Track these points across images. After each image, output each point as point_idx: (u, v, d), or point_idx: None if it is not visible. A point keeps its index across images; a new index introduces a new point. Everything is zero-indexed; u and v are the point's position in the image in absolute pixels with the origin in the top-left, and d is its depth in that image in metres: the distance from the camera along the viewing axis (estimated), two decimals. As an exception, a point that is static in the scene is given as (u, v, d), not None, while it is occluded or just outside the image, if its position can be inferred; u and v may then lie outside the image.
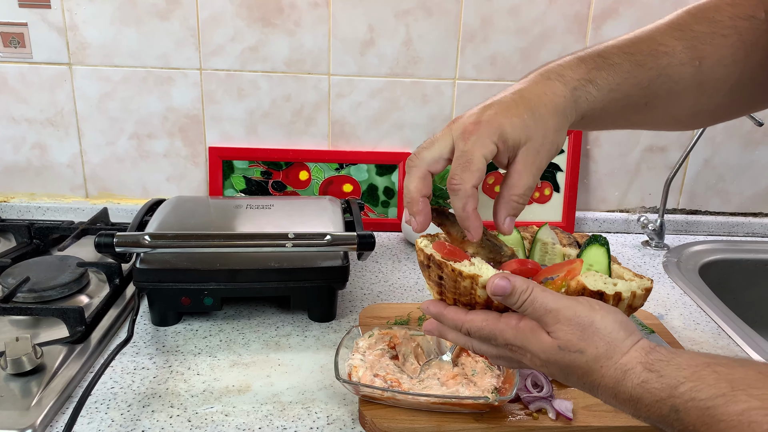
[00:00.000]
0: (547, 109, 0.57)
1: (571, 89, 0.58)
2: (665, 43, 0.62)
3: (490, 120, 0.55)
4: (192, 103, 1.24)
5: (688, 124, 0.72)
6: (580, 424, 0.71)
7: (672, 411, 0.48)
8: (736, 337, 0.95)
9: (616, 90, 0.60)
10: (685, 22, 0.64)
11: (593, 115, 0.61)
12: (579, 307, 0.53)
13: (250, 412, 0.74)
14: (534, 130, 0.56)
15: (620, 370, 0.51)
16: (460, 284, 0.57)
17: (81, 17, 1.17)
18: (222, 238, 0.87)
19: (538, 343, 0.53)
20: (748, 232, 1.35)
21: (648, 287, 0.57)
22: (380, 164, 1.28)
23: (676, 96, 0.64)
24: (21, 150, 1.26)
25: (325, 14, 1.18)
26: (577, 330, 0.52)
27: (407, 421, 0.70)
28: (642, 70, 0.61)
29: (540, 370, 0.56)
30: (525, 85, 0.59)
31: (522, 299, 0.53)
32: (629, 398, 0.50)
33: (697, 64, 0.63)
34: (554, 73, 0.59)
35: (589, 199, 1.33)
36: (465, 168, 0.55)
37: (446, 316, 0.59)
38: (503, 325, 0.55)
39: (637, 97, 0.62)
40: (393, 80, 1.24)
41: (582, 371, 0.52)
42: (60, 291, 0.95)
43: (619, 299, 0.55)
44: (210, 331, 0.91)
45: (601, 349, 0.52)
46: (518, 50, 1.22)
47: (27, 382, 0.76)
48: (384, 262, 1.15)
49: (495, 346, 0.57)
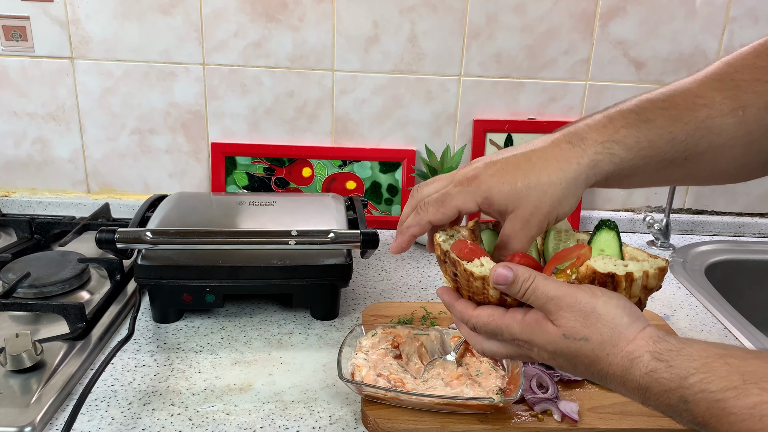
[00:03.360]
0: (549, 179, 0.56)
1: (591, 154, 0.57)
2: (703, 95, 0.60)
3: (485, 180, 0.58)
4: (194, 99, 1.23)
5: (738, 176, 0.66)
6: (585, 426, 0.70)
7: (681, 402, 0.47)
8: (743, 338, 0.94)
9: (649, 147, 0.58)
10: (723, 72, 0.61)
11: (623, 174, 0.59)
12: (580, 293, 0.52)
13: (251, 411, 0.73)
14: (525, 199, 0.57)
15: (627, 358, 0.50)
16: (473, 284, 0.57)
17: (83, 11, 1.16)
18: (224, 235, 0.86)
19: (543, 334, 0.53)
20: (754, 232, 1.33)
21: (662, 266, 0.55)
22: (384, 161, 1.27)
23: (720, 149, 0.60)
24: (22, 145, 1.25)
25: (330, 10, 1.17)
26: (580, 317, 0.52)
27: (410, 422, 0.69)
28: (678, 124, 0.58)
29: (549, 364, 0.56)
30: (541, 145, 0.59)
31: (524, 288, 0.53)
32: (637, 387, 0.50)
33: (741, 114, 0.59)
34: (576, 137, 0.58)
35: (594, 198, 1.32)
36: (437, 204, 0.59)
37: (455, 308, 0.59)
38: (509, 319, 0.55)
39: (673, 153, 0.59)
40: (397, 77, 1.22)
41: (589, 360, 0.52)
42: (61, 287, 0.95)
43: (632, 280, 0.54)
44: (211, 329, 0.90)
45: (605, 336, 0.51)
46: (524, 48, 1.21)
47: (27, 378, 0.75)
48: (387, 261, 1.14)
49: (502, 341, 0.57)
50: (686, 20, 1.20)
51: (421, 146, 1.27)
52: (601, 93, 1.24)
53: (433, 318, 0.91)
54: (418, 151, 1.27)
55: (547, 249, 0.66)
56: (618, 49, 1.21)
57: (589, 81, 1.24)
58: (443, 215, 0.59)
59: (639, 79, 1.23)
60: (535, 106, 1.25)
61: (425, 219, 0.60)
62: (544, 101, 1.25)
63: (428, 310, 0.92)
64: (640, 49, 1.21)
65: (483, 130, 1.25)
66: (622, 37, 1.20)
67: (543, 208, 0.57)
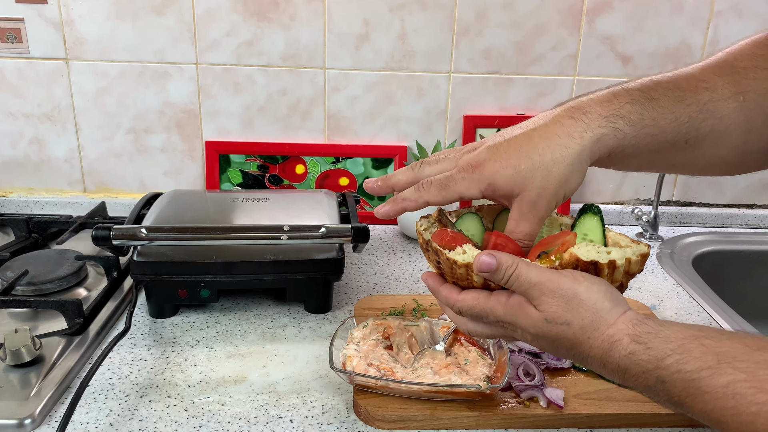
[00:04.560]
0: (553, 157, 0.55)
1: (595, 128, 0.56)
2: (706, 80, 0.61)
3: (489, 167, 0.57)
4: (188, 98, 1.24)
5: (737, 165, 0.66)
6: (570, 412, 0.72)
7: (658, 382, 0.49)
8: (728, 327, 0.96)
9: (652, 126, 0.58)
10: (724, 60, 0.63)
11: (624, 153, 0.58)
12: (562, 279, 0.54)
13: (246, 402, 0.75)
14: (530, 181, 0.56)
15: (607, 341, 0.52)
16: (457, 271, 0.58)
17: (77, 12, 1.18)
18: (218, 231, 0.88)
19: (526, 317, 0.55)
20: (741, 223, 1.35)
21: (644, 252, 0.57)
22: (376, 158, 1.29)
23: (721, 134, 0.61)
24: (19, 145, 1.27)
25: (320, 8, 1.19)
26: (562, 302, 0.53)
27: (400, 410, 0.71)
28: (681, 105, 0.59)
29: (532, 345, 0.57)
30: (542, 123, 0.58)
31: (508, 274, 0.55)
32: (617, 368, 0.52)
33: (741, 99, 0.60)
34: (580, 111, 0.57)
35: (584, 191, 1.34)
36: (440, 187, 0.59)
37: (440, 293, 0.61)
38: (493, 302, 0.57)
39: (675, 135, 0.59)
40: (388, 74, 1.24)
41: (570, 343, 0.54)
42: (58, 284, 0.96)
43: (614, 267, 0.56)
44: (207, 323, 0.92)
45: (587, 320, 0.53)
46: (513, 44, 1.23)
47: (26, 373, 0.77)
48: (380, 255, 1.16)
49: (487, 324, 0.59)
50: (672, 15, 1.21)
51: (413, 142, 1.28)
52: (589, 88, 1.24)
53: (423, 310, 0.93)
54: (410, 147, 1.29)
55: None
56: (605, 44, 1.23)
57: (577, 76, 1.25)
58: (443, 198, 0.59)
59: (626, 73, 1.25)
60: (525, 101, 1.27)
61: (424, 198, 0.60)
62: (533, 96, 1.26)
63: (419, 302, 0.94)
64: (627, 44, 1.23)
65: (473, 125, 1.27)
66: (608, 32, 1.22)
67: (549, 188, 0.56)
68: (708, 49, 1.24)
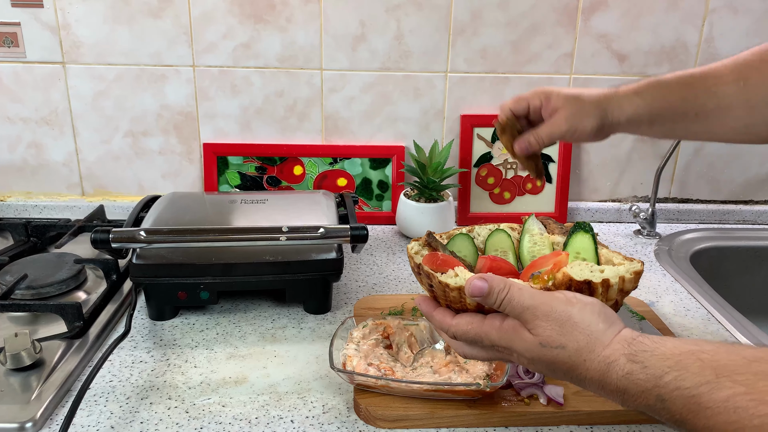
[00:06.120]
0: (590, 100, 0.79)
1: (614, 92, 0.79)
2: (714, 69, 0.76)
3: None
4: (186, 100, 1.24)
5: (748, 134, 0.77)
6: (570, 409, 0.72)
7: (658, 401, 0.48)
8: (726, 323, 0.96)
9: (662, 100, 0.77)
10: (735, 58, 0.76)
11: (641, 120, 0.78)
12: (555, 302, 0.53)
13: (246, 403, 0.75)
14: (579, 116, 0.80)
15: (604, 362, 0.51)
16: (449, 294, 0.58)
17: (74, 16, 1.18)
18: (217, 233, 0.88)
19: (521, 342, 0.54)
20: (738, 219, 1.36)
21: (638, 270, 0.57)
22: (374, 158, 1.29)
23: (725, 110, 0.75)
24: (17, 149, 1.27)
25: (317, 10, 1.19)
26: (556, 325, 0.53)
27: (401, 409, 0.71)
28: (689, 88, 0.76)
29: (528, 368, 0.57)
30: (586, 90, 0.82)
31: (500, 298, 0.54)
32: (615, 390, 0.51)
33: (742, 84, 0.73)
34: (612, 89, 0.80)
35: (581, 189, 1.35)
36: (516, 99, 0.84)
37: (434, 318, 0.61)
38: (487, 327, 0.56)
39: (684, 109, 0.76)
40: (385, 74, 1.24)
41: (567, 366, 0.53)
42: (58, 287, 0.96)
43: (608, 286, 0.55)
44: (207, 325, 0.92)
45: (581, 343, 0.52)
46: (508, 43, 1.23)
47: (27, 376, 0.77)
48: (379, 255, 1.16)
49: (482, 348, 0.58)
50: (667, 12, 1.22)
51: (410, 142, 1.29)
52: (585, 86, 1.26)
53: (423, 309, 0.93)
54: (407, 147, 1.29)
55: (522, 252, 0.68)
56: (600, 42, 1.24)
57: (573, 74, 1.26)
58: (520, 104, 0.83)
59: (622, 71, 1.25)
60: (521, 100, 1.27)
61: (509, 104, 0.84)
62: (530, 95, 1.27)
63: (418, 302, 0.94)
64: (623, 42, 1.24)
65: (470, 125, 1.27)
66: (604, 30, 1.23)
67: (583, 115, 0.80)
68: (703, 47, 1.24)
